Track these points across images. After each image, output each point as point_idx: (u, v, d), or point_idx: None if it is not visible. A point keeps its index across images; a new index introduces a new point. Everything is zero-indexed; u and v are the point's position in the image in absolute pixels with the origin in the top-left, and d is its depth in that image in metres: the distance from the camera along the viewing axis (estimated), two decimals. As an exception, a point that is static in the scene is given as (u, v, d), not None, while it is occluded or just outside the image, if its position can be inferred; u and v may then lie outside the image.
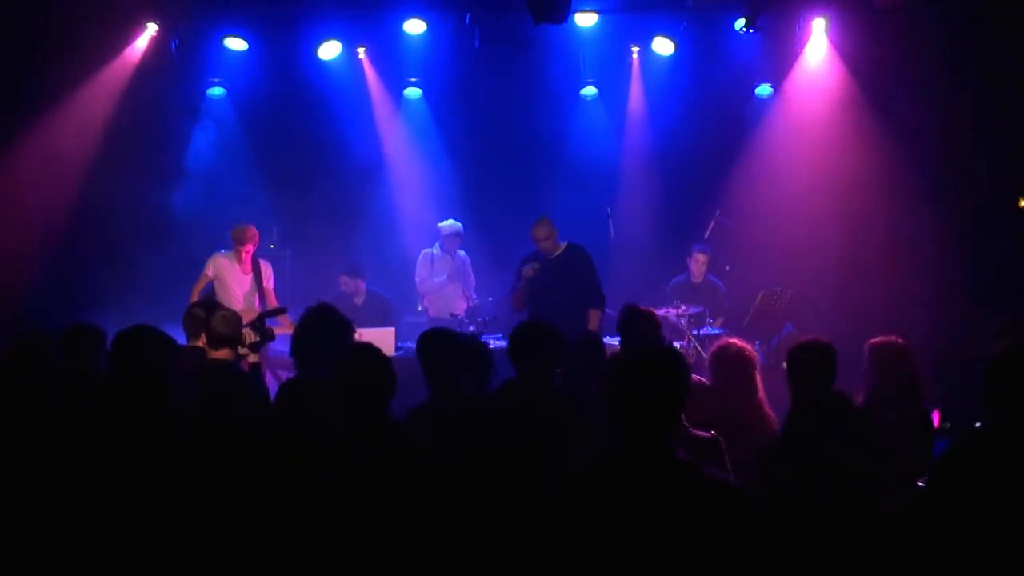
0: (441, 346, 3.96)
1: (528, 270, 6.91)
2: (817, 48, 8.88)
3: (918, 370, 4.29)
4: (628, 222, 8.40)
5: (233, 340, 4.68)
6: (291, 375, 4.91)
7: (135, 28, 8.37)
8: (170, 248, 8.32)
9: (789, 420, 3.54)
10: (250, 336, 4.88)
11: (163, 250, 8.32)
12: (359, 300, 8.09)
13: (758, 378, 4.39)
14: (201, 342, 4.87)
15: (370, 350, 3.27)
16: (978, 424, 4.71)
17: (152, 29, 8.40)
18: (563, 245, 7.11)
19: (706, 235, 8.33)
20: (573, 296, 6.89)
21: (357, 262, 8.20)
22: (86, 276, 8.10)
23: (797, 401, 3.60)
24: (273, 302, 7.38)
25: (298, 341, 4.33)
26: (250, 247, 7.37)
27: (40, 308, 7.70)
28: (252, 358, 4.91)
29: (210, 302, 5.35)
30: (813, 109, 9.01)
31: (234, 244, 7.35)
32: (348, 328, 4.51)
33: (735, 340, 4.61)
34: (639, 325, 4.85)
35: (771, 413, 4.32)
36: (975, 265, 8.09)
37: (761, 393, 4.37)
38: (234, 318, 4.75)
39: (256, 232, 7.49)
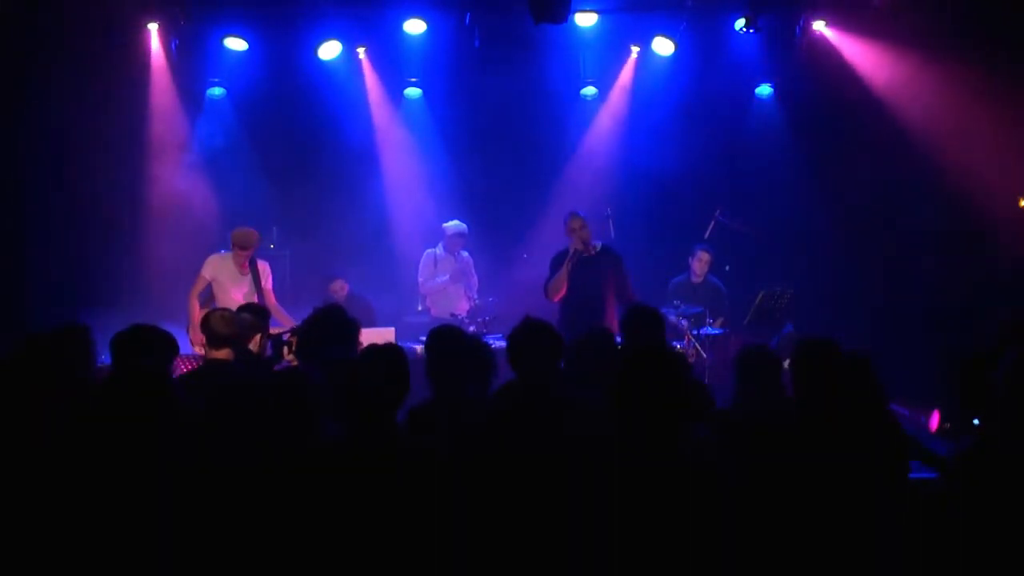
0: (449, 343, 3.93)
1: (579, 244, 6.97)
2: (817, 47, 8.88)
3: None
4: (628, 222, 8.40)
5: (232, 340, 4.67)
6: None
7: (135, 28, 8.37)
8: (169, 248, 8.32)
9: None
10: (296, 342, 4.85)
11: (162, 250, 8.33)
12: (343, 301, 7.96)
13: None
14: (253, 346, 4.85)
15: (393, 351, 3.31)
16: (976, 421, 4.72)
17: (152, 29, 8.40)
18: (599, 245, 7.16)
19: (706, 235, 8.33)
20: (604, 294, 7.00)
21: (335, 271, 8.10)
22: (85, 275, 8.10)
23: (799, 399, 3.60)
24: (272, 302, 7.34)
25: (304, 341, 4.32)
26: (251, 253, 7.27)
27: (38, 307, 7.72)
28: (295, 362, 4.87)
29: (258, 307, 5.25)
30: (813, 108, 9.02)
31: (234, 248, 7.17)
32: (355, 328, 4.51)
33: None
34: (640, 324, 4.83)
35: None
36: (975, 263, 8.10)
37: None
38: (234, 318, 4.74)
39: (258, 238, 7.42)
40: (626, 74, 9.19)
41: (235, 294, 7.14)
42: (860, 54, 8.71)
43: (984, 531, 2.91)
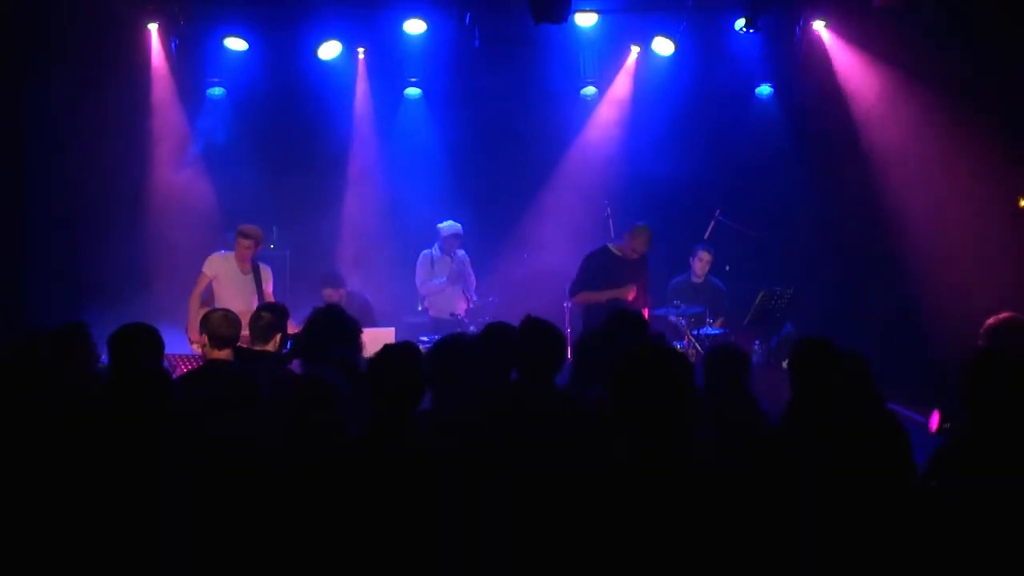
0: (453, 361, 3.88)
1: (627, 291, 7.15)
2: (817, 49, 8.89)
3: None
4: (628, 221, 8.40)
5: (232, 340, 4.66)
6: None
7: (135, 28, 8.38)
8: (169, 248, 8.34)
9: (788, 416, 3.56)
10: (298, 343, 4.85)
11: (162, 250, 8.35)
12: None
13: None
14: (271, 346, 4.85)
15: (409, 348, 3.34)
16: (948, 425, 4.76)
17: (152, 29, 8.40)
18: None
19: (706, 235, 8.33)
20: (637, 302, 7.18)
21: (334, 272, 8.00)
22: (84, 274, 8.11)
23: (796, 397, 3.61)
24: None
25: (306, 341, 4.32)
26: (255, 245, 7.27)
27: (38, 306, 7.74)
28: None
29: (278, 307, 5.26)
30: (813, 109, 9.02)
31: (240, 238, 7.16)
32: (357, 328, 4.51)
33: None
34: (625, 328, 4.81)
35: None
36: (973, 264, 8.09)
37: None
38: (235, 318, 4.74)
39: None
40: (626, 74, 9.20)
41: (236, 293, 7.15)
42: (860, 54, 8.71)
43: (971, 526, 2.93)
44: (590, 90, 9.22)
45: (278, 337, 4.87)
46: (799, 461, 3.23)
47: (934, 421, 6.72)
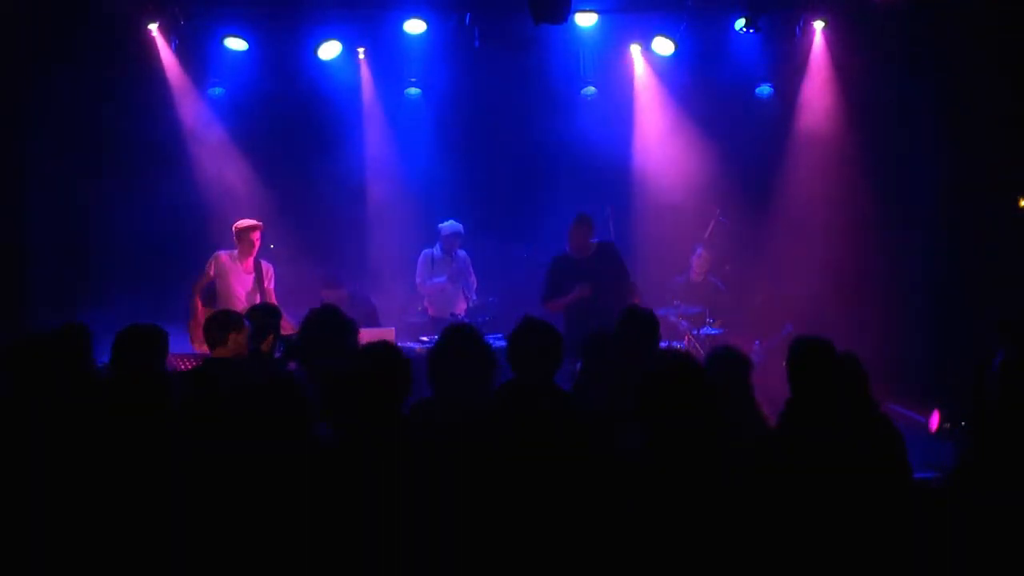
0: (453, 358, 3.89)
1: (585, 289, 6.96)
2: (817, 49, 8.89)
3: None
4: (628, 221, 8.41)
5: (218, 340, 4.67)
6: None
7: (135, 28, 8.38)
8: (167, 248, 8.34)
9: (786, 415, 3.56)
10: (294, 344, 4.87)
11: (160, 250, 8.35)
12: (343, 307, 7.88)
13: None
14: (264, 347, 4.88)
15: (388, 347, 3.34)
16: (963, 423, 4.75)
17: (152, 29, 8.41)
18: (594, 244, 7.15)
19: (706, 235, 8.33)
20: (606, 294, 6.98)
21: (331, 273, 7.98)
22: (84, 275, 8.12)
23: (795, 397, 3.61)
24: (273, 302, 7.35)
25: (304, 341, 4.32)
26: (258, 239, 7.30)
27: (36, 306, 7.75)
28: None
29: (270, 307, 5.25)
30: (813, 109, 9.02)
31: (242, 235, 7.22)
32: (354, 328, 4.53)
33: None
34: (637, 328, 4.83)
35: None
36: (974, 265, 8.10)
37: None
38: (218, 317, 4.75)
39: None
40: (626, 74, 9.19)
41: (239, 292, 7.20)
42: (859, 55, 8.71)
43: (986, 536, 2.93)
44: (590, 90, 9.21)
45: (271, 338, 4.89)
46: (798, 461, 3.23)
47: (934, 421, 6.74)
